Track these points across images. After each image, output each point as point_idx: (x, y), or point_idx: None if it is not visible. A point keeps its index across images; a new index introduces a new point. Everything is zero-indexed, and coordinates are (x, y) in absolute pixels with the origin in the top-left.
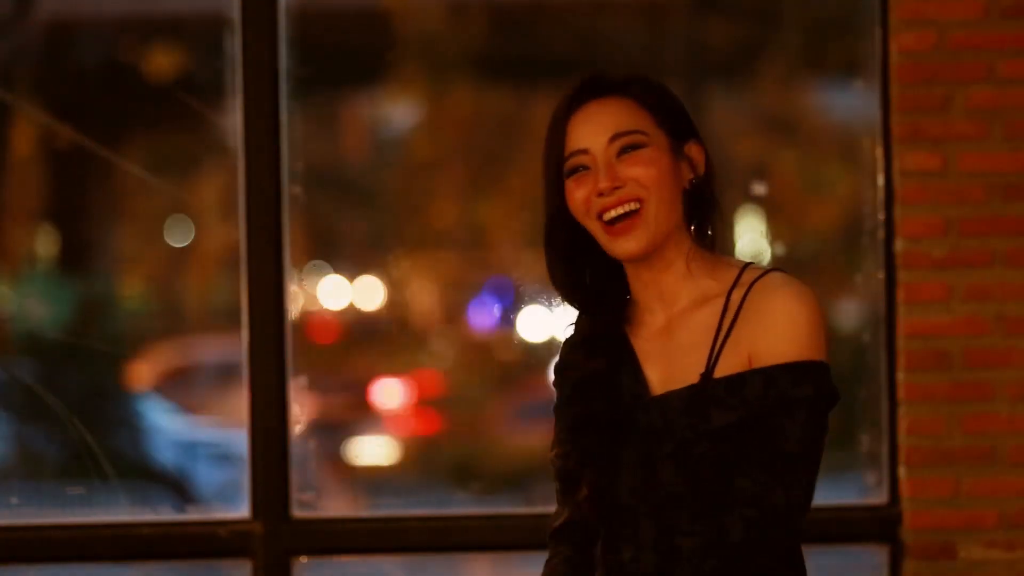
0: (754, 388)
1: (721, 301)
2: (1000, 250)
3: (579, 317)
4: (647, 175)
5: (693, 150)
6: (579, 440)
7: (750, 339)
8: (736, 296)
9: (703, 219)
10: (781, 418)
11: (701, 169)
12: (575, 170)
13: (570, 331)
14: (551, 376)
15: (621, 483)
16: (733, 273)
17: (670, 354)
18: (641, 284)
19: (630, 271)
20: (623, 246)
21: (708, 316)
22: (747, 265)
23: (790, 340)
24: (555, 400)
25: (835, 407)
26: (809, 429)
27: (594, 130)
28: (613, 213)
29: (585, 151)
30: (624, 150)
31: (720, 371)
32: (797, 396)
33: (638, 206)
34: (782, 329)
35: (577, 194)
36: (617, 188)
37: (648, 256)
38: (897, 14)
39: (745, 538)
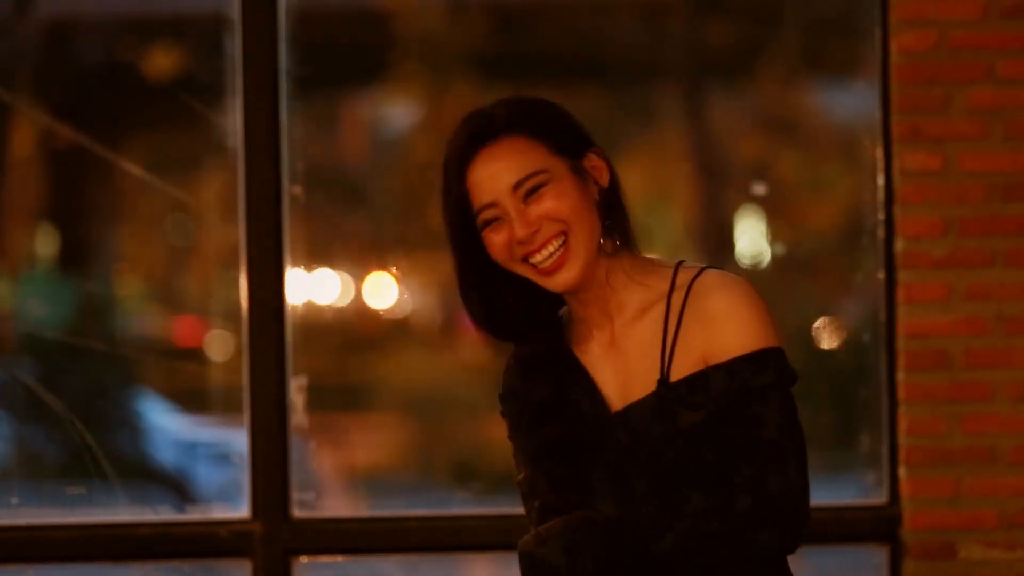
0: (717, 383)
1: (661, 307)
2: (1000, 250)
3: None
4: (559, 209)
5: (592, 160)
6: (544, 467)
7: (701, 342)
8: (676, 300)
9: (616, 226)
10: (753, 407)
11: (604, 177)
12: (489, 221)
13: (512, 357)
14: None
15: (597, 506)
16: (667, 276)
17: (622, 367)
18: (580, 303)
19: (568, 292)
20: (558, 280)
21: (651, 324)
22: (679, 265)
23: (742, 334)
24: (508, 429)
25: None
26: (783, 413)
27: (494, 181)
28: (540, 258)
29: (493, 204)
30: (529, 193)
31: (676, 376)
32: (763, 383)
33: (563, 240)
34: (733, 326)
35: (497, 241)
36: (535, 232)
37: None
38: (897, 14)
39: (748, 524)
